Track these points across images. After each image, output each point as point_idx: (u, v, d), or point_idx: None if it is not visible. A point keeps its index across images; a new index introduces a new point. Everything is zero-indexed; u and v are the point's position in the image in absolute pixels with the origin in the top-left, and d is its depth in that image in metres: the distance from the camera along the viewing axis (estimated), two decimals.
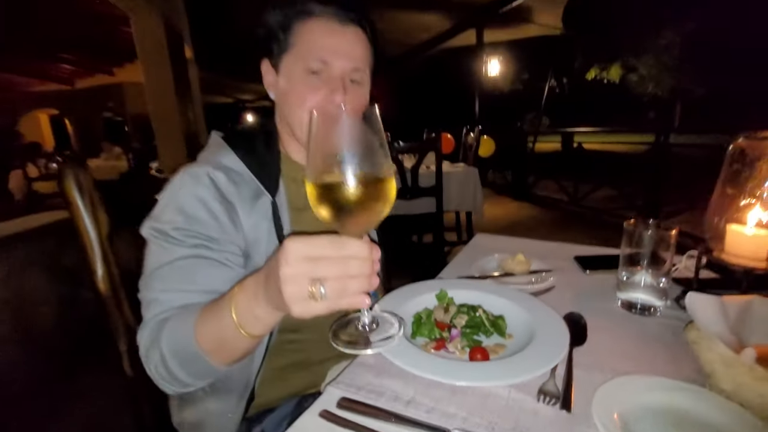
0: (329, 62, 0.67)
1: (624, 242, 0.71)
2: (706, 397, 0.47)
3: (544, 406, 0.49)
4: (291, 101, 0.70)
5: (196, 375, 0.59)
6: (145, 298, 0.63)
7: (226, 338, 0.53)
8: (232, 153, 0.72)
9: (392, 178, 0.45)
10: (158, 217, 0.65)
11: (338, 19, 0.68)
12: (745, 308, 0.56)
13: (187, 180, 0.66)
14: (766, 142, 0.62)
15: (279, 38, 0.69)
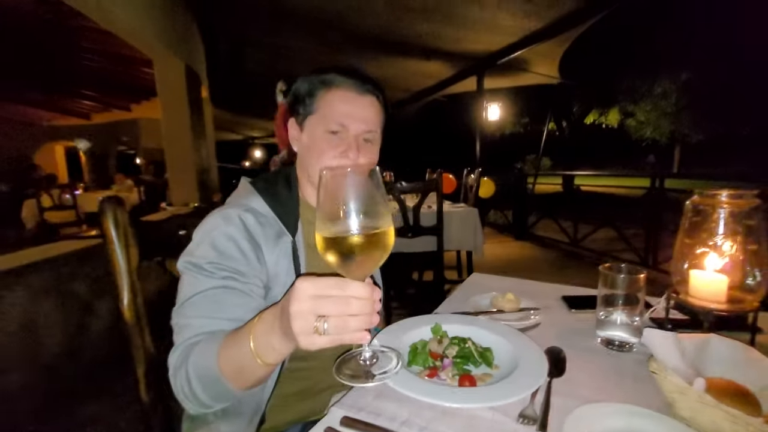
0: (347, 125, 0.79)
1: (600, 284, 0.79)
2: (666, 423, 0.54)
3: (523, 427, 0.55)
4: (312, 155, 0.81)
5: (215, 397, 0.66)
6: (178, 323, 0.71)
7: (245, 365, 0.60)
8: (259, 197, 0.82)
9: (391, 229, 0.51)
10: (193, 252, 0.75)
11: (356, 90, 0.80)
12: (703, 345, 0.63)
13: (220, 221, 0.76)
14: (716, 199, 0.72)
15: (305, 102, 0.82)
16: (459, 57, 5.55)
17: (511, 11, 4.02)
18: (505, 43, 4.92)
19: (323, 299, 0.48)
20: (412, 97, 7.94)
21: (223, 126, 13.60)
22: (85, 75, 7.43)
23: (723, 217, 0.71)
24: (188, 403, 0.67)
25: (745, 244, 0.70)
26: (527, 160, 14.40)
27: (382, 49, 5.34)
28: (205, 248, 0.74)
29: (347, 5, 4.23)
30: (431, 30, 4.74)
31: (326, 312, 0.47)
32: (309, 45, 5.62)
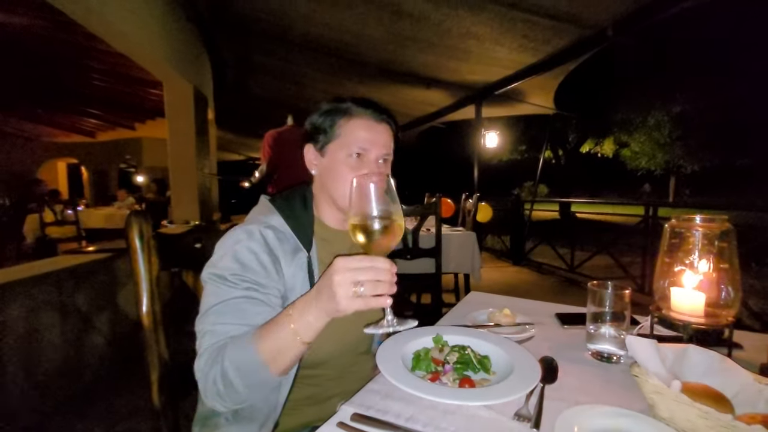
0: (368, 149, 0.87)
1: (589, 301, 0.85)
2: (647, 422, 0.59)
3: (518, 425, 0.60)
4: (336, 177, 0.88)
5: (253, 386, 0.71)
6: (202, 330, 0.77)
7: (284, 347, 0.69)
8: (278, 215, 0.89)
9: (401, 219, 0.68)
10: (216, 264, 0.81)
11: (374, 118, 0.89)
12: (681, 353, 0.69)
13: (243, 236, 0.83)
14: (692, 222, 0.79)
15: (326, 131, 0.89)
16: (458, 87, 5.76)
17: (507, 46, 4.22)
18: (501, 75, 5.13)
19: (358, 270, 0.63)
20: (413, 123, 8.16)
21: (225, 146, 13.82)
22: (93, 95, 7.63)
23: (698, 239, 0.78)
24: (220, 401, 0.72)
25: (718, 264, 0.77)
26: (524, 187, 14.63)
27: (384, 77, 5.55)
28: (228, 260, 0.80)
29: (353, 35, 4.44)
30: (431, 61, 4.95)
31: (362, 278, 0.62)
32: (314, 72, 5.83)
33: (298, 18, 4.23)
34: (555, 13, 3.46)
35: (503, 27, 3.83)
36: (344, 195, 0.86)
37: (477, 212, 4.12)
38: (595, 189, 23.03)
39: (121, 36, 3.45)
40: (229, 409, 0.74)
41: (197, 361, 0.74)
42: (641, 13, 3.23)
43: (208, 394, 0.72)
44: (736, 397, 0.62)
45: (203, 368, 0.72)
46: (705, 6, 3.02)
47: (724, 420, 0.51)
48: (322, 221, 0.95)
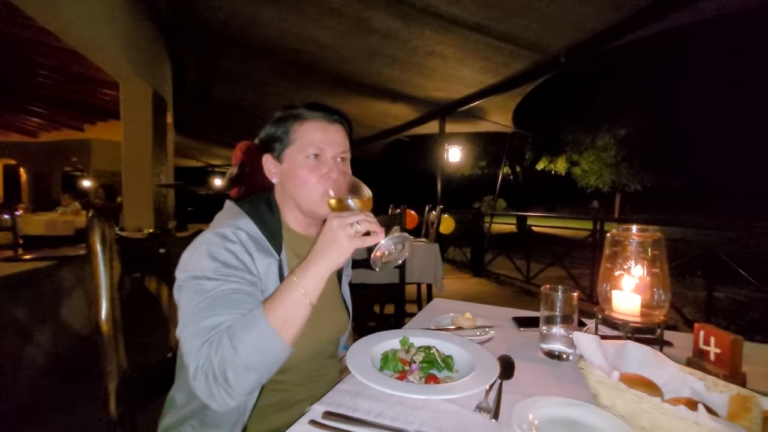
0: (324, 149, 0.89)
1: (542, 304, 0.93)
2: (592, 410, 0.66)
3: (479, 416, 0.65)
4: (296, 181, 0.89)
5: (268, 362, 0.72)
6: (190, 333, 0.73)
7: (294, 312, 0.73)
8: (247, 218, 0.88)
9: (370, 197, 0.80)
10: (192, 268, 0.78)
11: (326, 120, 0.92)
12: (621, 348, 0.77)
13: (216, 239, 0.81)
14: (629, 232, 0.90)
15: (282, 138, 0.91)
16: (423, 102, 5.95)
17: (470, 66, 4.44)
18: (464, 93, 5.36)
19: (349, 216, 0.73)
20: (378, 135, 8.28)
21: (183, 152, 13.29)
22: (37, 92, 7.13)
23: (634, 247, 0.88)
24: (229, 391, 0.68)
25: (651, 269, 0.87)
26: (484, 201, 15.20)
27: (351, 89, 5.63)
28: (206, 262, 0.77)
29: (320, 46, 4.48)
30: (398, 76, 5.09)
31: (354, 219, 0.73)
32: (279, 80, 5.80)
33: (266, 25, 4.23)
34: (513, 39, 3.71)
35: (467, 48, 4.04)
36: (308, 197, 0.89)
37: (440, 224, 4.24)
38: (550, 204, 24.33)
39: (76, 32, 3.28)
40: (235, 402, 0.70)
41: (193, 361, 0.70)
42: (590, 43, 3.52)
43: (213, 389, 0.68)
44: (666, 385, 0.70)
45: (204, 364, 0.69)
46: (647, 39, 3.35)
47: (654, 402, 0.59)
48: (288, 226, 0.96)
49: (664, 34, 3.25)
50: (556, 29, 3.46)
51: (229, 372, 0.67)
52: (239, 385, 0.68)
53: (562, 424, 0.64)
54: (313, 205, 0.90)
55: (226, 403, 0.69)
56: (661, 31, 3.18)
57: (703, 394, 0.66)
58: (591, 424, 0.63)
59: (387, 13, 3.55)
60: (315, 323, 0.77)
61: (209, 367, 0.68)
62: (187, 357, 0.73)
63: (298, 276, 0.74)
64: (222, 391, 0.68)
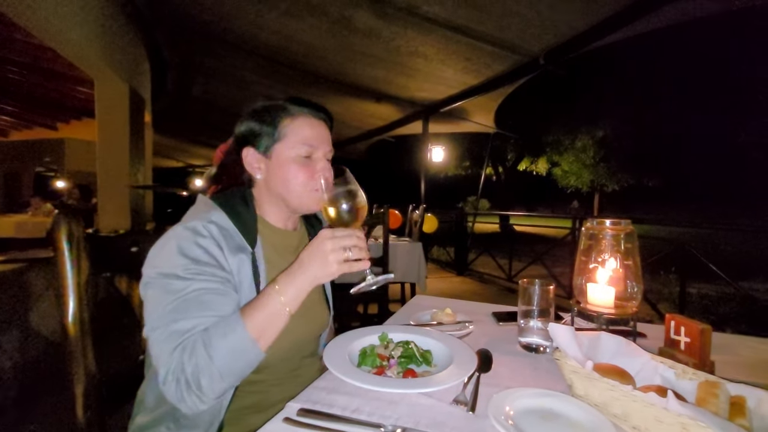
0: (316, 147, 0.89)
1: (519, 298, 0.93)
2: (567, 400, 0.67)
3: (456, 409, 0.65)
4: (287, 178, 0.88)
5: (242, 368, 0.71)
6: (160, 335, 0.70)
7: (273, 321, 0.72)
8: (220, 211, 0.85)
9: (365, 204, 0.80)
10: (160, 264, 0.75)
11: (315, 116, 0.91)
12: (595, 339, 0.78)
13: (186, 233, 0.78)
14: (603, 225, 0.91)
15: (268, 132, 0.88)
16: (406, 102, 5.97)
17: (452, 66, 4.48)
18: (447, 94, 5.41)
19: (344, 237, 0.73)
20: (363, 135, 8.27)
21: (162, 152, 12.98)
22: (7, 89, 6.85)
23: (608, 240, 0.90)
24: (200, 396, 0.67)
25: (624, 261, 0.89)
26: (468, 201, 15.37)
27: (334, 89, 5.60)
28: (175, 258, 0.74)
29: (303, 45, 4.45)
30: (381, 76, 5.10)
31: (349, 244, 0.73)
32: (262, 78, 5.73)
33: (247, 23, 4.17)
34: (494, 40, 3.76)
35: (449, 49, 4.07)
36: (298, 194, 0.88)
37: (423, 223, 4.25)
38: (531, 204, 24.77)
39: (49, 27, 3.17)
40: (206, 406, 0.69)
41: (164, 365, 0.68)
42: (568, 45, 3.60)
43: (184, 394, 0.67)
44: (638, 374, 0.72)
45: (175, 369, 0.67)
46: (621, 43, 3.46)
47: (625, 390, 0.60)
48: (266, 220, 0.94)
49: (639, 38, 3.36)
50: (535, 31, 3.52)
51: (203, 379, 0.66)
52: (212, 391, 0.68)
53: (538, 414, 0.64)
54: (303, 202, 0.90)
55: (197, 407, 0.69)
56: (636, 35, 3.28)
57: (674, 382, 0.68)
58: (566, 414, 0.64)
59: (369, 12, 3.54)
60: (293, 319, 0.76)
61: (181, 374, 0.67)
62: (156, 360, 0.70)
63: (280, 285, 0.73)
64: (194, 397, 0.67)
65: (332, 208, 0.78)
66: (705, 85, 16.43)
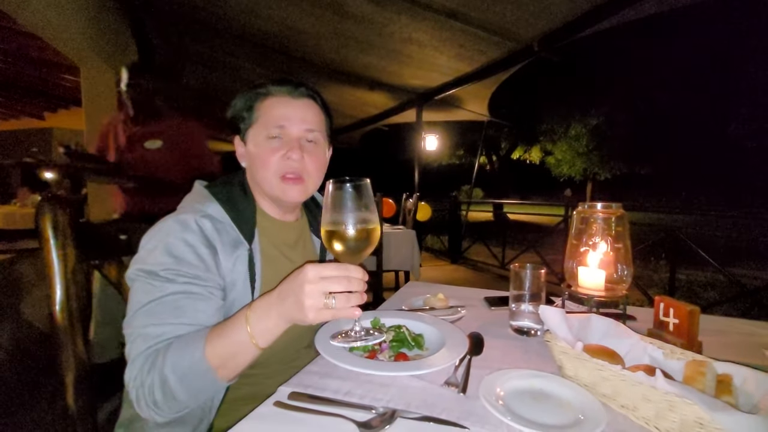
0: (286, 127, 0.82)
1: (511, 282, 0.94)
2: (557, 380, 0.67)
3: (448, 391, 0.65)
4: (257, 164, 0.83)
5: (196, 394, 0.66)
6: (131, 334, 0.69)
7: (237, 352, 0.65)
8: (216, 203, 0.81)
9: (377, 227, 0.66)
10: (145, 259, 0.72)
11: (291, 95, 0.85)
12: (586, 321, 0.79)
13: (176, 227, 0.75)
14: (594, 209, 0.91)
15: (244, 117, 0.85)
16: (400, 90, 5.91)
17: (446, 53, 4.43)
18: (440, 81, 5.36)
19: (330, 280, 0.60)
20: (357, 124, 8.19)
21: None
22: None
23: (599, 224, 0.90)
24: (156, 411, 0.66)
25: (615, 245, 0.89)
26: (462, 190, 15.38)
27: (328, 76, 5.52)
28: (159, 255, 0.72)
29: (295, 31, 4.36)
30: (375, 63, 5.02)
31: (334, 289, 0.60)
32: (252, 65, 5.63)
33: (237, 8, 4.07)
34: (488, 27, 3.71)
35: (442, 35, 4.01)
36: (270, 182, 0.82)
37: (417, 211, 4.25)
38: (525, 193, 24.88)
39: (33, 13, 3.07)
40: (166, 419, 0.68)
41: (128, 369, 0.68)
42: (562, 32, 3.57)
43: (142, 404, 0.66)
44: (627, 355, 0.72)
45: (137, 376, 0.66)
46: (618, 30, 3.44)
47: (614, 370, 0.60)
48: (263, 210, 0.91)
49: (632, 25, 3.34)
50: (529, 17, 3.48)
51: (157, 394, 0.64)
52: (166, 408, 0.66)
53: (529, 395, 0.65)
54: (272, 189, 0.84)
55: (153, 418, 0.67)
56: (630, 21, 3.26)
57: (662, 362, 0.69)
58: (556, 394, 0.64)
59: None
60: None
61: (140, 386, 0.65)
62: (127, 357, 0.69)
63: (251, 315, 0.65)
64: (149, 409, 0.66)
65: (329, 231, 0.64)
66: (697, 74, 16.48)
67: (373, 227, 0.65)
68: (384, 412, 0.58)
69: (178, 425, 0.78)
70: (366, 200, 0.64)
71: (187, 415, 0.77)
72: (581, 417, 0.58)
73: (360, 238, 0.63)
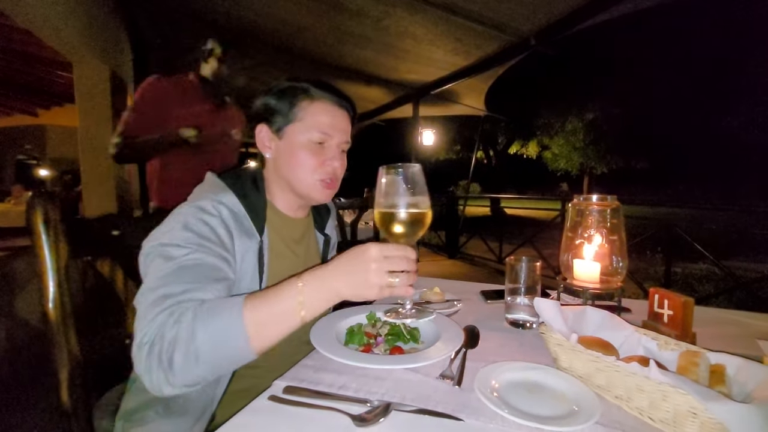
0: (331, 135, 0.86)
1: (507, 276, 0.94)
2: (552, 372, 0.67)
3: (443, 384, 0.65)
4: (295, 163, 0.85)
5: (221, 360, 0.61)
6: (147, 299, 0.65)
7: (280, 321, 0.63)
8: (231, 193, 0.82)
9: (428, 211, 0.71)
10: (163, 237, 0.71)
11: (336, 103, 0.88)
12: (581, 313, 0.79)
13: (194, 210, 0.75)
14: (589, 201, 0.91)
15: (284, 112, 0.85)
16: (396, 85, 5.88)
17: (442, 47, 4.41)
18: (437, 76, 5.34)
19: (392, 259, 0.64)
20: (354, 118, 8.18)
21: None
22: None
23: (594, 216, 0.90)
24: (168, 375, 0.59)
25: (609, 237, 0.89)
26: (459, 185, 15.40)
27: (324, 71, 5.49)
28: (179, 232, 0.71)
29: (290, 26, 4.33)
30: (371, 57, 5.00)
31: (395, 268, 0.64)
32: (248, 60, 5.59)
33: (231, 2, 4.03)
34: (485, 20, 3.69)
35: (438, 29, 3.99)
36: (307, 182, 0.86)
37: None
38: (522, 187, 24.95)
39: (26, 10, 3.02)
40: (172, 391, 0.61)
41: (144, 325, 0.62)
42: (559, 26, 3.56)
43: (153, 365, 0.59)
44: (622, 346, 0.73)
45: (157, 330, 0.60)
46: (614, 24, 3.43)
47: (608, 361, 0.60)
48: (274, 206, 0.92)
49: (629, 19, 3.34)
50: (525, 10, 3.47)
51: (177, 354, 0.59)
52: (182, 374, 0.59)
53: (524, 387, 0.65)
54: (307, 190, 0.87)
55: (161, 388, 0.60)
56: (626, 14, 3.25)
57: (656, 353, 0.69)
58: (551, 386, 0.64)
59: None
60: None
61: (159, 340, 0.60)
62: (136, 324, 0.65)
63: (304, 286, 0.64)
64: (161, 373, 0.59)
65: (385, 213, 0.68)
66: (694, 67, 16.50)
67: (425, 210, 0.70)
68: (379, 405, 0.58)
69: (181, 416, 0.77)
70: (418, 185, 0.70)
71: (190, 406, 0.77)
72: (575, 408, 0.58)
73: (414, 221, 0.69)
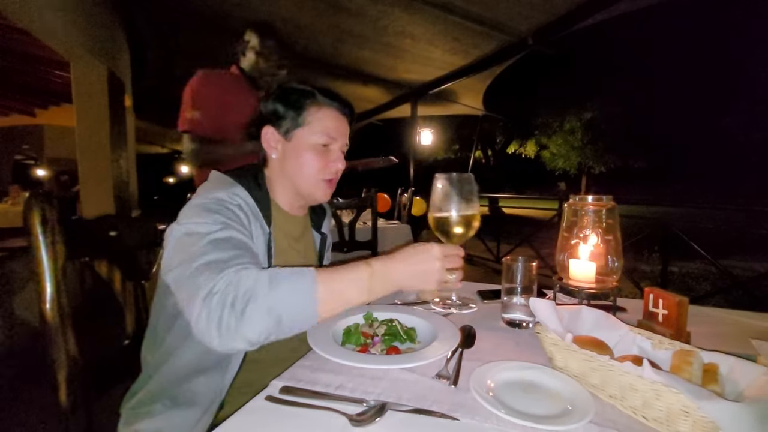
0: (335, 139, 0.92)
1: (503, 275, 0.94)
2: (547, 372, 0.68)
3: (439, 384, 0.66)
4: (301, 163, 0.91)
5: (293, 318, 0.65)
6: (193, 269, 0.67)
7: (348, 291, 0.70)
8: (240, 186, 0.87)
9: (477, 215, 0.85)
10: (188, 221, 0.75)
11: (340, 111, 0.95)
12: (576, 313, 0.80)
13: (213, 199, 0.79)
14: (585, 201, 0.92)
15: (292, 116, 0.91)
16: (394, 84, 5.89)
17: (440, 47, 4.41)
18: (435, 75, 5.35)
19: (450, 258, 0.76)
20: None
21: (145, 138, 12.65)
22: None
23: (589, 216, 0.91)
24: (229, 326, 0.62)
25: (605, 237, 0.90)
26: None
27: (322, 70, 5.49)
28: (204, 215, 0.75)
29: (289, 24, 4.33)
30: (369, 57, 5.00)
31: (451, 266, 0.76)
32: None
33: (230, 0, 4.03)
34: (482, 20, 3.70)
35: (436, 29, 4.00)
36: (311, 181, 0.92)
37: (412, 206, 4.26)
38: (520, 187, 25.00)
39: (23, 9, 3.01)
40: (232, 342, 0.63)
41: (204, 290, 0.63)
42: (557, 25, 3.57)
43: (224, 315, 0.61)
44: (617, 346, 0.73)
45: (225, 282, 0.63)
46: (611, 23, 3.44)
47: (602, 360, 0.61)
48: (277, 203, 0.96)
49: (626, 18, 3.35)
50: (523, 10, 3.47)
51: (252, 304, 0.62)
52: (251, 325, 0.62)
53: (519, 387, 0.65)
54: (311, 188, 0.93)
55: (228, 339, 0.62)
56: (624, 13, 3.26)
57: (650, 352, 0.70)
58: (546, 386, 0.65)
59: None
60: None
61: (233, 290, 0.63)
62: (189, 290, 0.65)
63: (375, 269, 0.72)
64: (233, 320, 0.61)
65: (440, 218, 0.81)
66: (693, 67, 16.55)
67: (475, 213, 0.83)
68: (375, 405, 0.59)
69: (189, 407, 0.80)
70: (470, 192, 0.82)
71: (198, 397, 0.81)
72: (569, 407, 0.58)
73: (465, 224, 0.81)
